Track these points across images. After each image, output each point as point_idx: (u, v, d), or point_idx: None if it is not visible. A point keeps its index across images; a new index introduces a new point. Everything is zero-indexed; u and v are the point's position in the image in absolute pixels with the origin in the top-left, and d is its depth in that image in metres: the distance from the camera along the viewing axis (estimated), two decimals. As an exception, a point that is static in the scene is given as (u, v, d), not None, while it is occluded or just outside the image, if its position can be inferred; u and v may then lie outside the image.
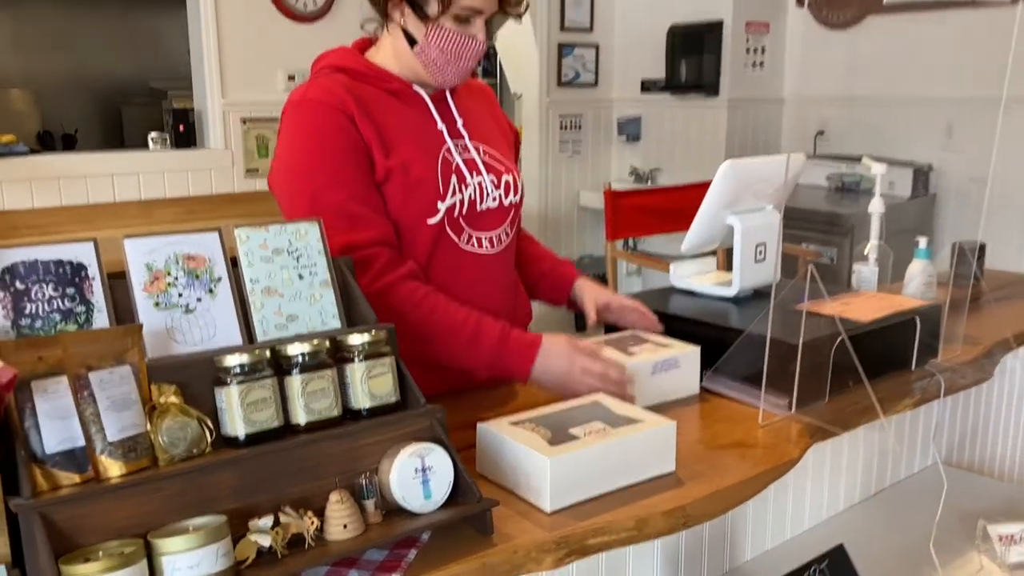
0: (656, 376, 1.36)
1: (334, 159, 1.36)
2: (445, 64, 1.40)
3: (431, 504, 0.96)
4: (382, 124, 1.39)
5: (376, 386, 1.01)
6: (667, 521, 1.03)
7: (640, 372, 1.34)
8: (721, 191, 1.54)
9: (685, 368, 1.41)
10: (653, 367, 1.36)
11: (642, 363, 1.35)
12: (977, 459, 1.83)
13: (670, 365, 1.39)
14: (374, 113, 1.39)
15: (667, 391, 1.39)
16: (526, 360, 1.33)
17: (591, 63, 5.21)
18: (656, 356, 1.38)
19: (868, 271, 1.73)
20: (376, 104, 1.41)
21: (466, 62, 1.41)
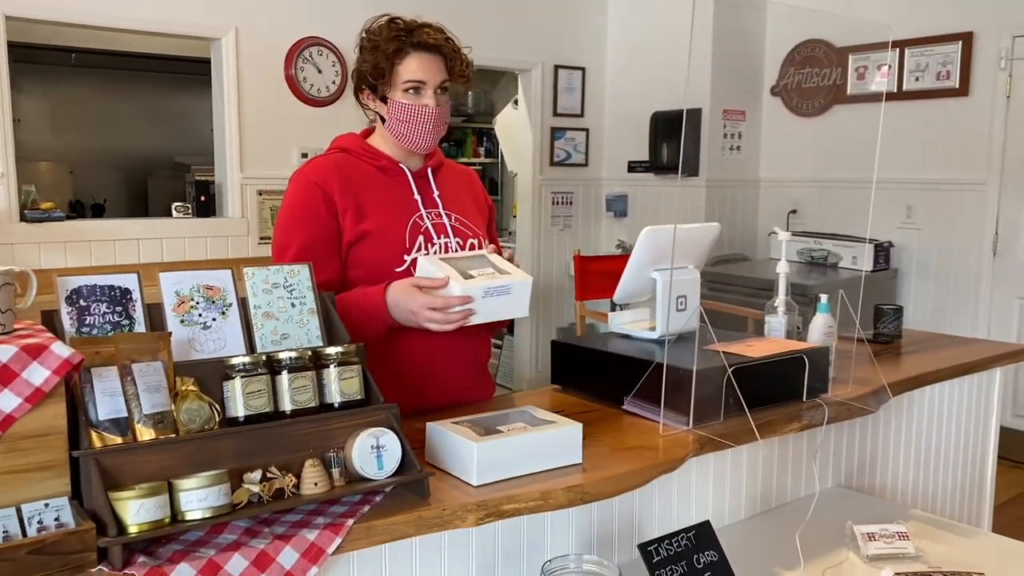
0: (487, 299, 1.62)
1: (300, 224, 1.74)
2: (407, 131, 1.77)
3: (383, 473, 1.27)
4: (362, 195, 1.76)
5: (346, 386, 1.33)
6: (567, 495, 1.33)
7: (472, 295, 1.60)
8: (642, 252, 1.87)
9: (516, 294, 1.67)
10: (484, 291, 1.62)
11: (475, 287, 1.61)
12: (878, 485, 2.10)
13: (502, 291, 1.64)
14: (357, 187, 1.76)
15: (497, 312, 1.66)
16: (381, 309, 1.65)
17: (582, 145, 5.63)
18: (490, 282, 1.64)
19: (776, 321, 2.04)
20: (363, 178, 1.78)
21: (424, 126, 1.76)
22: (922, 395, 2.18)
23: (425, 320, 1.62)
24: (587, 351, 1.91)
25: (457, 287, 1.61)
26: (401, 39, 1.74)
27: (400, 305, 1.64)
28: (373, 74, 1.77)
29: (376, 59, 1.75)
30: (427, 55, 1.76)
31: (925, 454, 2.24)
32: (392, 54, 1.74)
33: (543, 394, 1.94)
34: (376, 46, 1.76)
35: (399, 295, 1.65)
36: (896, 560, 1.58)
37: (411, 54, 1.75)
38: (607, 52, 5.60)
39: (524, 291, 1.70)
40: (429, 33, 1.76)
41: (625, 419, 1.71)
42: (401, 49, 1.74)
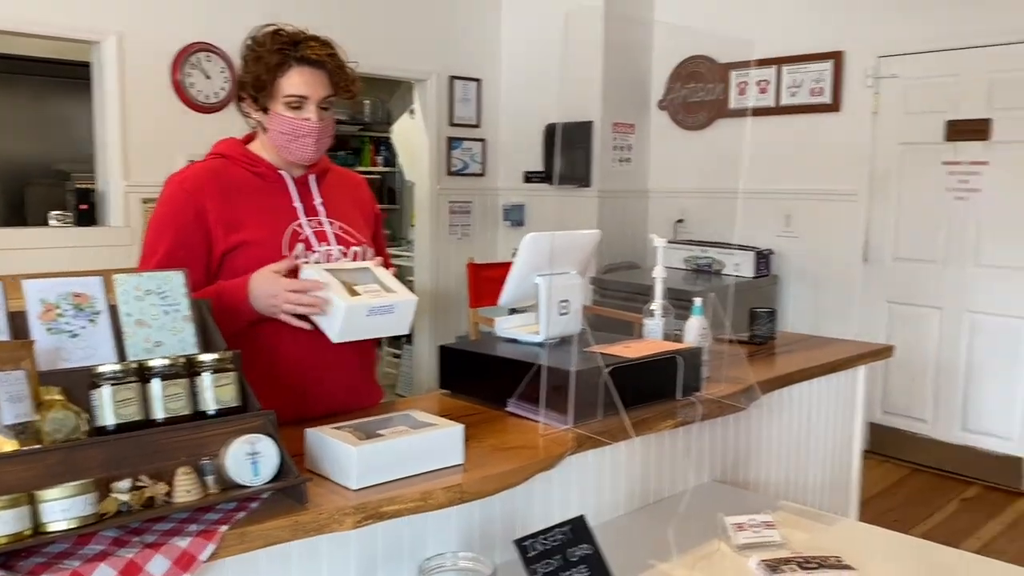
0: (371, 317, 1.64)
1: (167, 230, 1.73)
2: (288, 144, 1.76)
3: (259, 480, 1.26)
4: (238, 204, 1.75)
5: (221, 393, 1.32)
6: (446, 495, 1.35)
7: (357, 313, 1.61)
8: (526, 258, 1.92)
9: (399, 313, 1.68)
10: (369, 310, 1.63)
11: (361, 305, 1.61)
12: (751, 479, 2.21)
13: (386, 311, 1.66)
14: (233, 195, 1.75)
15: (378, 330, 1.68)
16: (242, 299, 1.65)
17: (478, 155, 5.69)
18: (375, 301, 1.63)
19: (654, 324, 2.12)
20: (240, 186, 1.77)
21: (305, 140, 1.76)
22: (791, 393, 2.31)
23: (284, 302, 1.62)
24: (473, 355, 1.94)
25: (343, 304, 1.61)
26: (285, 52, 1.73)
27: (262, 290, 1.64)
28: (255, 85, 1.76)
29: (259, 70, 1.74)
30: (310, 70, 1.75)
31: (795, 449, 2.37)
32: (275, 67, 1.73)
33: (430, 399, 1.96)
34: (259, 57, 1.75)
35: (261, 279, 1.65)
36: (763, 548, 1.66)
37: (294, 68, 1.74)
38: (502, 64, 5.68)
39: (408, 310, 1.71)
40: (314, 47, 1.76)
41: (509, 420, 1.75)
42: (284, 62, 1.73)
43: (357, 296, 1.66)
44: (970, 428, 4.24)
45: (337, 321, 1.62)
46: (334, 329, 1.64)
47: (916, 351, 4.37)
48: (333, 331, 1.64)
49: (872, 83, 4.43)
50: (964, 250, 4.19)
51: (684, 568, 1.60)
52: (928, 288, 4.33)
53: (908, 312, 4.43)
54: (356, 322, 1.64)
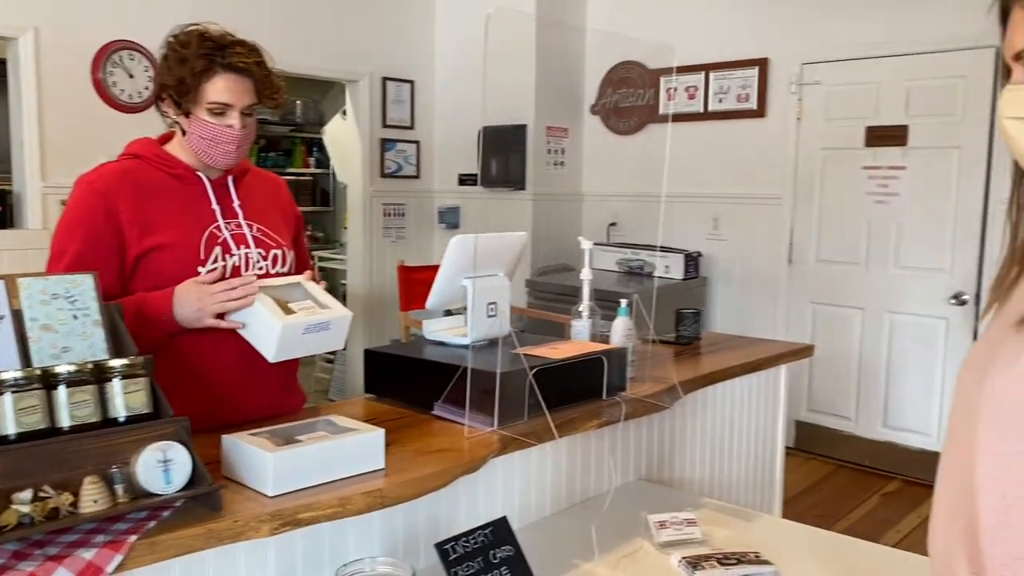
0: (307, 335, 1.63)
1: (76, 232, 1.67)
2: (208, 149, 1.72)
3: (171, 488, 1.23)
4: (152, 206, 1.70)
5: (131, 400, 1.28)
6: (366, 500, 1.34)
7: (293, 332, 1.60)
8: (452, 261, 1.91)
9: (335, 329, 1.68)
10: (306, 328, 1.63)
11: (297, 323, 1.61)
12: (676, 477, 2.24)
13: (322, 328, 1.66)
14: (147, 197, 1.70)
15: (314, 347, 1.67)
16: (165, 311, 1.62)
17: (413, 157, 5.66)
18: (311, 319, 1.64)
19: (581, 325, 2.14)
20: (154, 187, 1.72)
21: (227, 146, 1.72)
22: (715, 391, 2.35)
23: (212, 302, 1.60)
24: (398, 358, 1.93)
25: (278, 324, 1.59)
26: (210, 57, 1.68)
27: (186, 301, 1.61)
28: (178, 88, 1.70)
29: (182, 73, 1.69)
30: (236, 77, 1.70)
31: (720, 447, 2.41)
32: (200, 72, 1.68)
33: (355, 404, 1.94)
34: (183, 60, 1.69)
35: (186, 292, 1.62)
36: (685, 545, 1.69)
37: (220, 74, 1.69)
38: (436, 65, 5.66)
39: (343, 326, 1.71)
40: (241, 54, 1.71)
41: (435, 424, 1.74)
42: (210, 68, 1.68)
43: (292, 314, 1.65)
44: (891, 424, 4.38)
45: (273, 341, 1.60)
46: (271, 349, 1.62)
47: (840, 350, 4.50)
48: (270, 351, 1.62)
49: (796, 89, 4.55)
50: (884, 252, 4.33)
51: (607, 567, 1.61)
52: (850, 289, 4.46)
53: (831, 312, 4.55)
54: (292, 340, 1.62)
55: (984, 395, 0.95)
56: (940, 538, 1.07)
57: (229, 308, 1.62)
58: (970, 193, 4.02)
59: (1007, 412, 0.93)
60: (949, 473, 1.05)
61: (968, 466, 0.98)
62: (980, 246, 4.01)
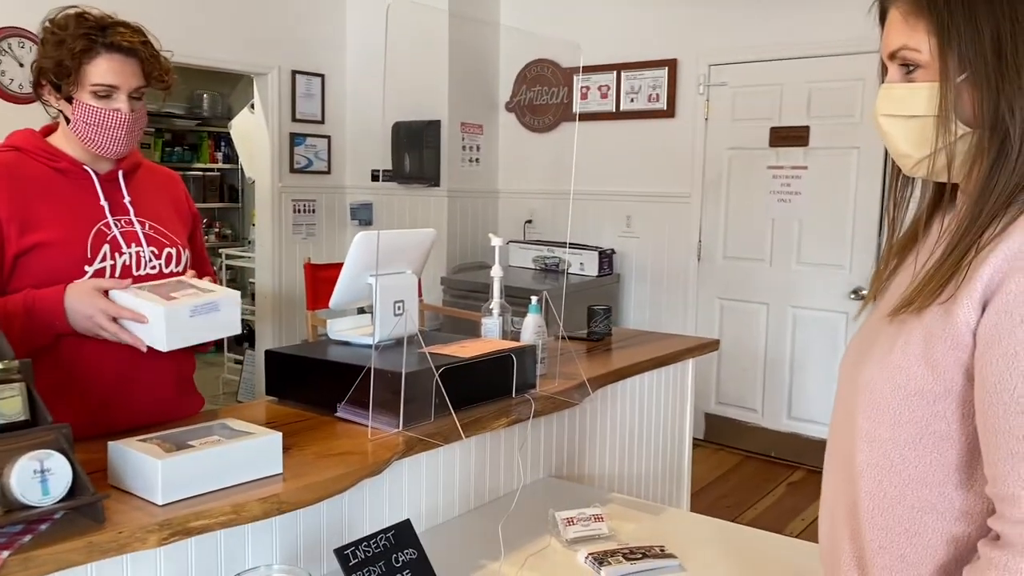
0: (196, 318, 1.56)
1: None
2: (95, 136, 1.63)
3: (49, 499, 1.16)
4: (33, 202, 1.60)
5: (6, 407, 1.20)
6: (262, 506, 1.29)
7: (178, 315, 1.52)
8: (356, 258, 1.87)
9: (225, 311, 1.61)
10: (191, 310, 1.56)
11: (180, 307, 1.53)
12: (587, 473, 2.25)
13: (210, 308, 1.59)
14: (28, 192, 1.60)
15: (208, 332, 1.59)
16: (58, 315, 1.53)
17: (324, 152, 5.55)
18: (196, 300, 1.56)
19: (491, 323, 2.12)
20: (36, 182, 1.62)
21: (115, 132, 1.63)
22: (625, 387, 2.37)
23: (101, 329, 1.52)
24: (299, 359, 1.88)
25: (161, 309, 1.52)
26: (91, 38, 1.60)
27: (79, 309, 1.53)
28: (57, 71, 1.61)
29: (60, 55, 1.60)
30: (120, 57, 1.62)
31: (629, 441, 2.43)
32: (80, 53, 1.59)
33: (255, 407, 1.88)
34: (61, 41, 1.60)
35: (79, 297, 1.53)
36: (592, 541, 1.69)
37: (102, 55, 1.60)
38: (346, 60, 5.56)
39: (233, 307, 1.64)
40: (123, 34, 1.63)
41: (338, 426, 1.70)
42: (91, 48, 1.60)
43: (174, 299, 1.57)
44: (795, 416, 4.52)
45: (160, 328, 1.52)
46: (160, 338, 1.53)
47: (746, 344, 4.62)
48: (160, 341, 1.54)
49: (704, 90, 4.64)
50: (787, 249, 4.46)
51: (514, 566, 1.60)
52: (756, 285, 4.58)
53: (738, 307, 4.67)
54: (181, 325, 1.54)
55: (860, 384, 0.98)
56: (827, 521, 1.10)
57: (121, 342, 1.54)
58: (868, 192, 4.18)
59: (881, 400, 0.96)
60: (833, 459, 1.08)
61: (849, 452, 1.01)
62: (877, 243, 4.17)
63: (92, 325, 1.53)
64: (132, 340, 1.54)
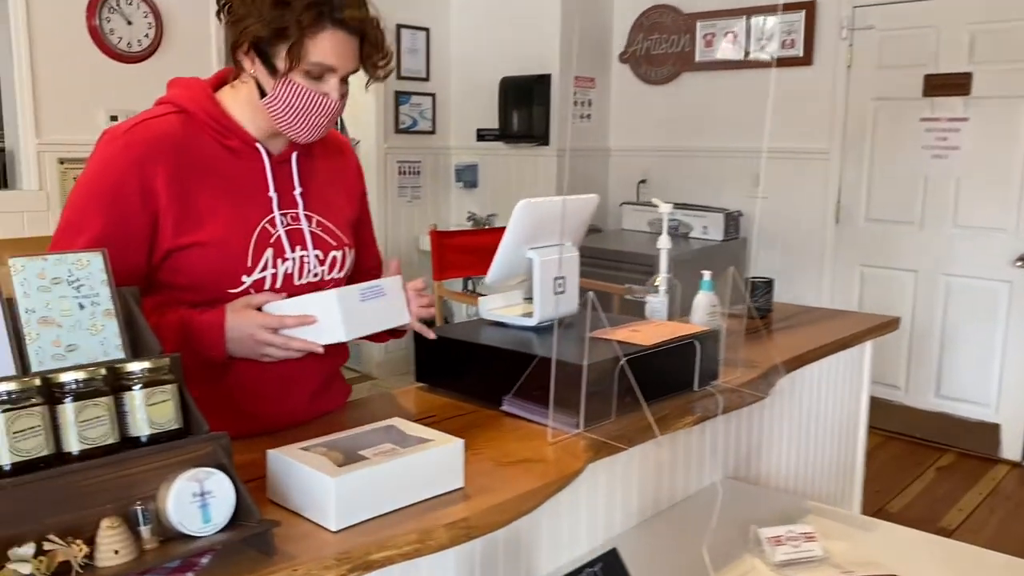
0: (367, 304, 1.37)
1: (100, 207, 1.33)
2: (294, 119, 1.38)
3: (210, 528, 0.97)
4: (197, 188, 1.37)
5: (156, 413, 1.02)
6: (450, 533, 1.08)
7: (351, 298, 1.35)
8: (518, 229, 1.63)
9: (392, 296, 1.42)
10: (362, 293, 1.36)
11: (351, 290, 1.36)
12: (763, 473, 1.99)
13: (377, 293, 1.39)
14: (193, 173, 1.37)
15: (377, 321, 1.40)
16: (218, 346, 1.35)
17: (428, 111, 5.33)
18: (361, 285, 1.38)
19: (658, 302, 1.87)
20: (203, 161, 1.38)
21: (317, 118, 1.38)
22: (802, 374, 2.09)
23: (263, 345, 1.34)
24: (458, 344, 1.66)
25: (332, 294, 1.33)
26: (321, 10, 1.31)
27: (237, 328, 1.34)
28: (273, 39, 1.33)
29: (284, 22, 1.31)
30: (344, 36, 1.34)
31: (804, 435, 2.16)
32: (308, 25, 1.31)
33: (407, 395, 1.68)
34: (285, 5, 1.31)
35: (235, 319, 1.34)
36: (805, 565, 1.44)
37: (327, 30, 1.32)
38: (451, 12, 5.31)
39: (398, 292, 1.44)
40: (352, 10, 1.34)
41: (506, 423, 1.48)
42: (318, 22, 1.31)
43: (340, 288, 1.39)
44: (944, 394, 4.13)
45: (335, 316, 1.33)
46: (337, 327, 1.34)
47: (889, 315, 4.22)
48: (337, 329, 1.34)
49: (846, 35, 4.22)
50: (941, 210, 4.04)
51: (722, 595, 1.36)
52: (902, 250, 4.18)
53: (881, 275, 4.28)
54: (355, 310, 1.35)
55: None
56: None
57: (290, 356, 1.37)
58: (1039, 146, 3.72)
59: None
60: None
61: None
62: (1048, 204, 3.73)
63: (254, 344, 1.33)
64: (304, 345, 1.34)
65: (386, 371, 5.15)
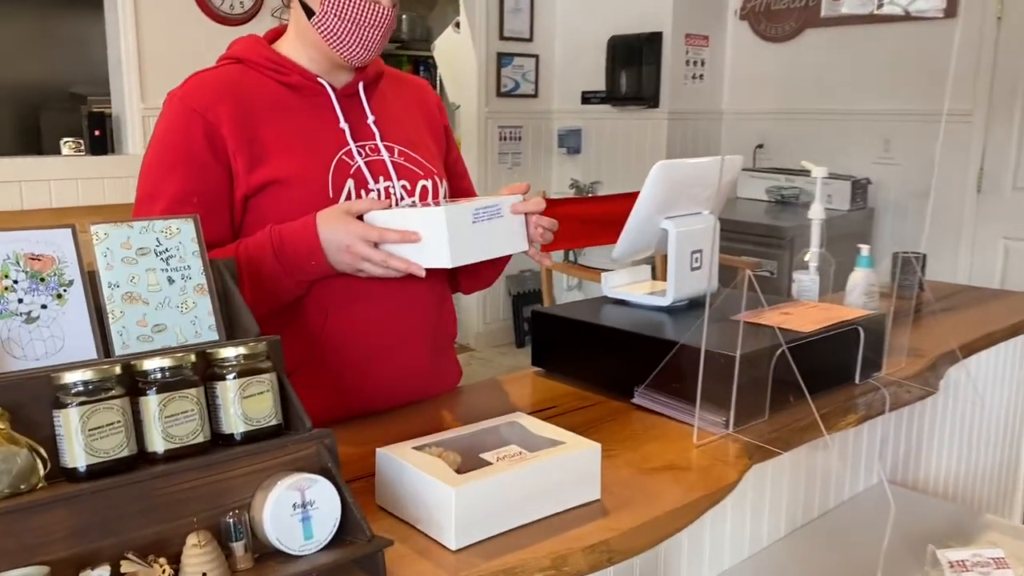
0: (479, 225, 1.19)
1: (171, 165, 1.24)
2: (346, 33, 1.26)
3: (313, 545, 0.82)
4: (262, 126, 1.26)
5: (252, 407, 0.87)
6: (588, 558, 0.91)
7: (461, 218, 1.17)
8: (654, 194, 1.43)
9: (510, 219, 1.23)
10: (474, 214, 1.18)
11: (462, 208, 1.17)
12: (921, 477, 1.75)
13: (492, 213, 1.20)
14: (256, 114, 1.26)
15: (494, 245, 1.22)
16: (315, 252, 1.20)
17: (531, 74, 5.13)
18: (476, 203, 1.20)
19: (809, 280, 1.64)
20: (265, 101, 1.28)
21: (370, 31, 1.27)
22: (966, 365, 1.82)
23: (360, 260, 1.18)
24: (581, 325, 1.48)
25: (439, 211, 1.16)
26: None
27: (332, 240, 1.19)
28: None
29: None
30: None
31: (967, 435, 1.89)
32: None
33: (523, 381, 1.51)
34: None
35: (331, 225, 1.19)
36: (997, 598, 1.21)
37: None
38: (557, -31, 5.07)
39: (517, 216, 1.27)
40: None
41: (638, 418, 1.30)
42: None
43: (451, 204, 1.21)
44: (1100, 383, 3.72)
45: (441, 236, 1.15)
46: (442, 250, 1.16)
47: (1037, 295, 3.82)
48: (442, 253, 1.16)
49: (998, -17, 3.79)
50: (1104, 179, 3.61)
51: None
52: (1056, 223, 3.77)
53: (1029, 250, 3.88)
54: (464, 233, 1.18)
55: None
56: None
57: (388, 275, 1.21)
58: None
59: None
60: None
61: None
62: None
63: (351, 258, 1.19)
64: (405, 265, 1.18)
65: (484, 342, 5.03)
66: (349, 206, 1.21)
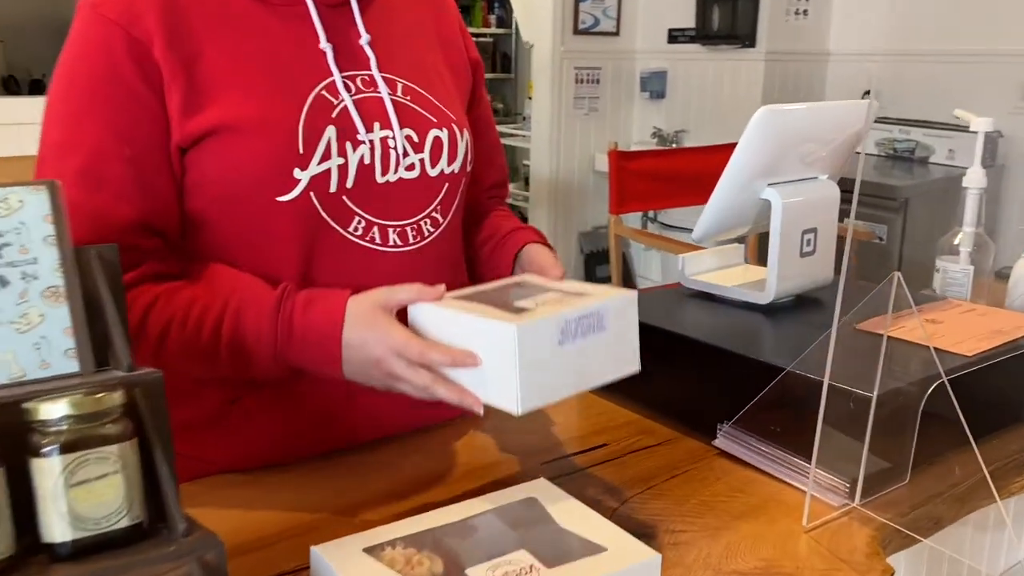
0: (568, 346, 0.76)
1: (87, 99, 0.87)
2: None
3: None
4: (204, 50, 0.88)
5: (85, 500, 0.54)
6: None
7: (539, 338, 0.74)
8: (754, 151, 1.03)
9: (614, 328, 0.80)
10: (562, 329, 0.75)
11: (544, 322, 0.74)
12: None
13: (591, 326, 0.78)
14: (196, 32, 0.88)
15: (586, 372, 0.79)
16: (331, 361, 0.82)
17: (612, 9, 4.67)
18: (566, 310, 0.76)
19: (960, 272, 1.22)
20: (208, 14, 0.89)
21: None
22: None
23: (393, 380, 0.81)
24: (644, 329, 1.09)
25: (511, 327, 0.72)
26: None
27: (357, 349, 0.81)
28: None
29: None
30: None
31: None
32: None
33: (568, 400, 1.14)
34: None
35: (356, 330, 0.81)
36: None
37: None
38: None
39: (628, 320, 0.83)
40: None
41: (719, 468, 0.94)
42: None
43: (524, 311, 0.77)
44: None
45: (508, 361, 0.73)
46: (509, 388, 0.73)
47: None
48: (507, 390, 0.74)
49: None
50: None
51: None
52: None
53: None
54: (543, 358, 0.74)
55: None
56: None
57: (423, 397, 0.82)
58: None
59: None
60: None
61: None
62: None
63: (382, 375, 0.81)
64: (456, 398, 0.78)
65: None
66: (388, 297, 0.82)
